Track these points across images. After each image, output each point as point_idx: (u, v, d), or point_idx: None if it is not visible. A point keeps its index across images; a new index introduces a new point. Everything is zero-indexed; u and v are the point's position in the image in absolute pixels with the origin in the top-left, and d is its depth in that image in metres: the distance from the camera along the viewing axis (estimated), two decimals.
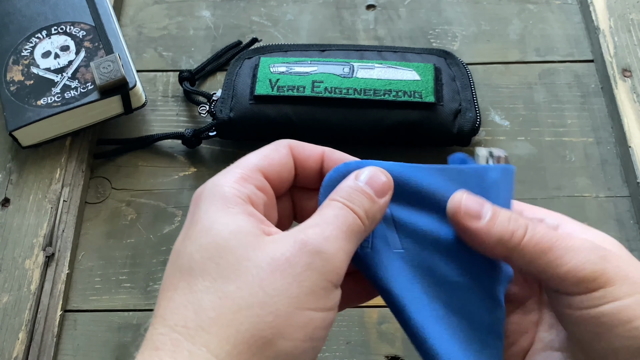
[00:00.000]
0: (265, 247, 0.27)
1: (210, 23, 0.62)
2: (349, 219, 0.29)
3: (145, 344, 0.26)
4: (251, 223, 0.28)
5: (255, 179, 0.30)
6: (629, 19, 0.58)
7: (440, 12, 0.61)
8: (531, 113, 0.55)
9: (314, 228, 0.28)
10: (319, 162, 0.33)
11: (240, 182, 0.30)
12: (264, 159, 0.31)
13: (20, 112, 0.51)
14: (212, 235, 0.27)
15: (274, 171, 0.31)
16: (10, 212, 0.51)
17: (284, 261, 0.27)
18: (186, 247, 0.28)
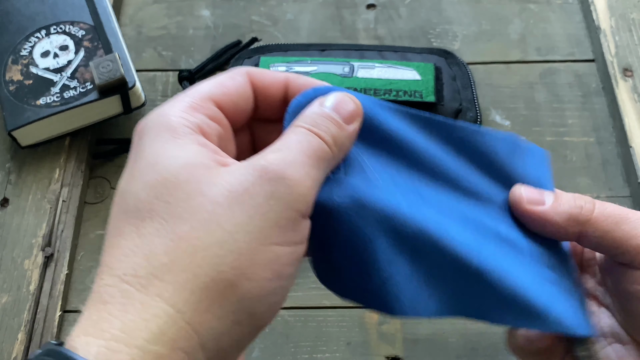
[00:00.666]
0: (221, 178, 0.24)
1: (210, 22, 0.61)
2: (315, 143, 0.25)
3: (91, 298, 0.23)
4: (203, 154, 0.25)
5: (207, 108, 0.27)
6: (630, 18, 0.58)
7: (441, 11, 0.61)
8: (532, 113, 0.55)
9: (275, 153, 0.25)
10: (282, 91, 0.29)
11: (189, 111, 0.26)
12: (218, 87, 0.28)
13: (19, 112, 0.51)
14: (158, 171, 0.24)
15: (229, 101, 0.28)
16: (9, 212, 0.50)
17: (243, 192, 0.23)
18: (130, 186, 0.25)
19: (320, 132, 0.26)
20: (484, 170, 0.31)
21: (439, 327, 0.46)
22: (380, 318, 0.47)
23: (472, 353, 0.45)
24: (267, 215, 0.24)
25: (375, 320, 0.47)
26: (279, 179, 0.24)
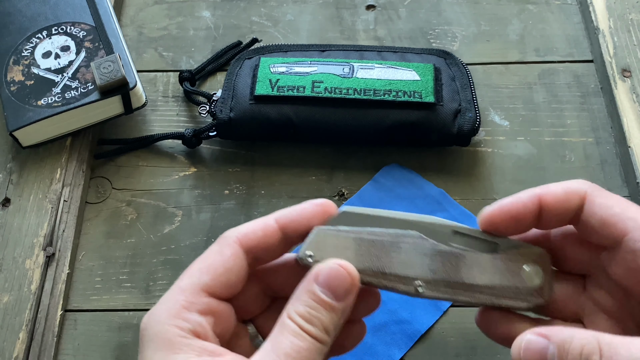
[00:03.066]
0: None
1: (210, 23, 0.62)
2: (305, 352, 0.28)
3: None
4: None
5: (199, 304, 0.30)
6: (628, 19, 0.58)
7: (440, 12, 0.61)
8: (531, 113, 0.55)
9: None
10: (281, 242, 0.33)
11: (183, 315, 0.29)
12: (206, 273, 0.31)
13: (21, 112, 0.51)
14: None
15: (220, 283, 0.31)
16: (11, 212, 0.51)
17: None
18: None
19: (312, 330, 0.29)
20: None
21: (438, 326, 0.46)
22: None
23: (472, 352, 0.45)
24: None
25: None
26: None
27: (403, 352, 0.45)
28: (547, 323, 0.35)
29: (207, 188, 0.53)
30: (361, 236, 0.32)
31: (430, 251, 0.33)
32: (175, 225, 0.51)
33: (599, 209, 0.31)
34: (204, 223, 0.51)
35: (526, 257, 0.33)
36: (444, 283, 0.33)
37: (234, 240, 0.32)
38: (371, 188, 0.51)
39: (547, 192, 0.32)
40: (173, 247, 0.50)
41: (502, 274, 0.33)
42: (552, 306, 0.35)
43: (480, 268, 0.33)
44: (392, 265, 0.32)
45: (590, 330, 0.29)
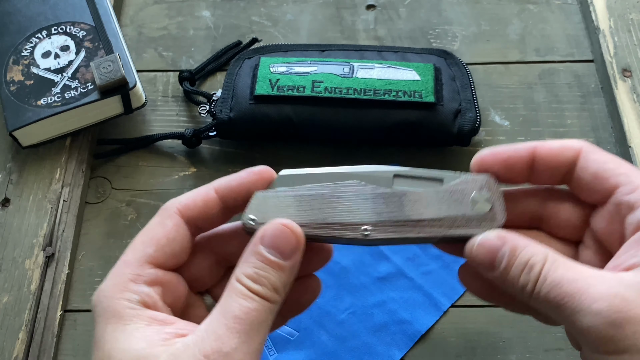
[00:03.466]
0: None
1: (210, 23, 0.62)
2: (254, 313, 0.29)
3: None
4: (150, 340, 0.28)
5: (145, 275, 0.30)
6: (629, 19, 0.58)
7: (440, 12, 0.61)
8: (531, 113, 0.55)
9: (215, 341, 0.28)
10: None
11: (130, 287, 0.30)
12: (150, 245, 0.31)
13: (20, 112, 0.51)
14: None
15: (164, 253, 0.31)
16: (10, 212, 0.51)
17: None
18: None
19: (260, 290, 0.29)
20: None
21: (438, 327, 0.46)
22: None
23: (471, 352, 0.45)
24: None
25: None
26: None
27: (403, 353, 0.45)
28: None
29: None
30: (301, 193, 0.33)
31: (372, 195, 0.33)
32: None
33: (592, 164, 0.32)
34: None
35: (472, 185, 0.33)
36: (391, 223, 0.32)
37: (175, 211, 0.32)
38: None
39: (543, 144, 0.33)
40: None
41: (449, 205, 0.32)
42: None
43: (425, 203, 0.33)
44: (335, 215, 0.32)
45: (544, 246, 0.30)
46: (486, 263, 0.30)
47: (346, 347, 0.45)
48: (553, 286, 0.28)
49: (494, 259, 0.30)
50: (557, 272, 0.28)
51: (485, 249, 0.31)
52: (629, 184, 0.30)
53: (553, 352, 0.45)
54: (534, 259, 0.29)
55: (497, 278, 0.30)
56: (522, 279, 0.29)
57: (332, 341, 0.45)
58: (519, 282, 0.29)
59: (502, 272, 0.30)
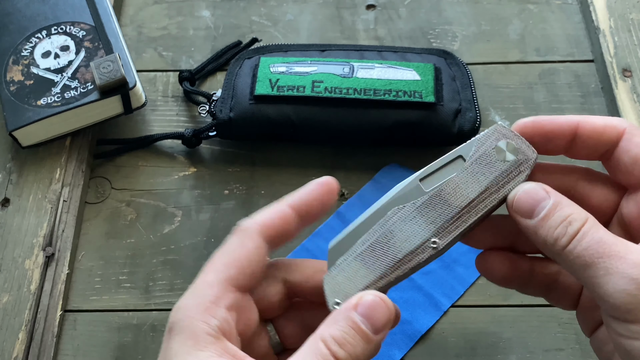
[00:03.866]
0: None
1: (210, 23, 0.62)
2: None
3: None
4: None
5: (226, 299, 0.30)
6: (629, 18, 0.58)
7: (441, 12, 0.61)
8: (531, 113, 0.55)
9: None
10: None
11: (211, 311, 0.29)
12: (232, 267, 0.31)
13: (20, 112, 0.51)
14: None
15: (245, 275, 0.31)
16: (10, 212, 0.51)
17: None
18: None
19: (342, 356, 0.28)
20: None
21: (438, 327, 0.46)
22: None
23: (471, 352, 0.45)
24: None
25: None
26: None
27: (403, 353, 0.45)
28: (541, 261, 0.35)
29: (207, 188, 0.53)
30: (358, 252, 0.32)
31: (416, 211, 0.32)
32: (175, 225, 0.51)
33: (634, 147, 0.31)
34: (203, 223, 0.51)
35: (490, 143, 0.33)
36: (449, 222, 0.32)
37: (255, 232, 0.32)
38: (371, 188, 0.51)
39: (586, 120, 0.32)
40: (173, 247, 0.50)
41: (484, 172, 0.32)
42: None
43: (463, 185, 0.32)
44: (400, 249, 0.32)
45: (585, 212, 0.30)
46: (526, 209, 0.30)
47: None
48: (591, 244, 0.28)
49: (535, 207, 0.30)
50: (597, 233, 0.28)
51: (530, 196, 0.30)
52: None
53: (553, 352, 0.45)
54: (575, 216, 0.29)
55: (532, 227, 0.30)
56: (558, 230, 0.29)
57: None
58: (554, 232, 0.29)
59: (540, 220, 0.30)
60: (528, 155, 0.32)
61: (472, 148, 0.33)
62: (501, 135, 0.33)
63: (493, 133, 0.33)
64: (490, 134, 0.33)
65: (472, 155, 0.33)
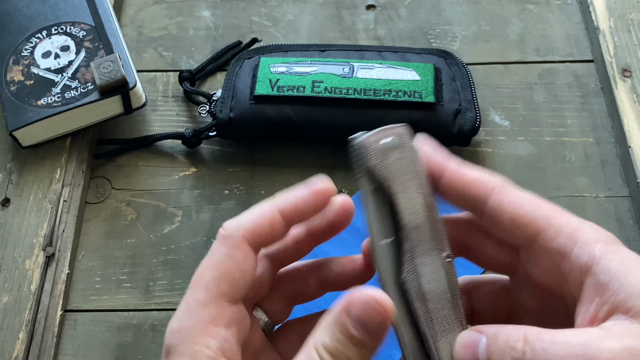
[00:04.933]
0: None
1: (210, 23, 0.62)
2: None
3: None
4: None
5: (223, 317, 0.29)
6: (628, 19, 0.58)
7: (440, 12, 0.61)
8: (531, 113, 0.55)
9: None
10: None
11: (209, 332, 0.28)
12: (224, 282, 0.29)
13: (21, 112, 0.51)
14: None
15: (238, 288, 0.29)
16: (11, 212, 0.51)
17: None
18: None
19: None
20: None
21: None
22: None
23: None
24: None
25: None
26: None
27: None
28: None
29: (207, 188, 0.53)
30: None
31: (408, 258, 0.31)
32: (175, 225, 0.51)
33: (508, 207, 0.29)
34: (203, 223, 0.51)
35: (377, 158, 0.33)
36: (432, 232, 0.31)
37: (242, 241, 0.30)
38: None
39: (458, 169, 0.31)
40: (173, 247, 0.50)
41: (404, 178, 0.31)
42: (481, 309, 0.34)
43: (407, 202, 0.31)
44: (441, 292, 0.31)
45: (521, 326, 0.28)
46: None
47: None
48: (543, 355, 0.26)
49: (475, 355, 0.28)
50: (543, 342, 0.26)
51: (465, 344, 0.29)
52: (550, 228, 0.29)
53: None
54: (513, 337, 0.27)
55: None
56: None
57: None
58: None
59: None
60: (401, 136, 0.32)
61: (366, 181, 0.32)
62: (372, 150, 0.32)
63: (366, 153, 0.32)
64: (364, 157, 0.32)
65: (382, 177, 0.32)
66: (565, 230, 0.28)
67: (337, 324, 0.27)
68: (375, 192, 0.31)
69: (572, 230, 0.28)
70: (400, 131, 0.32)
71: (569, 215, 0.29)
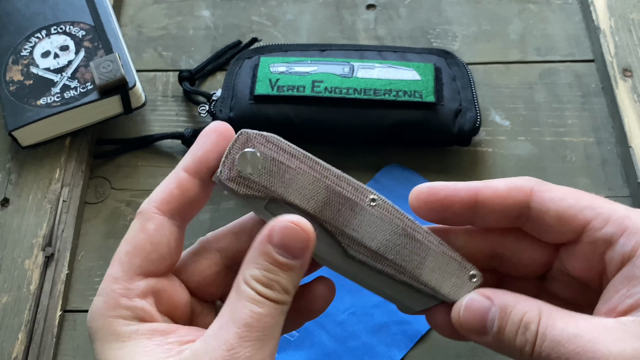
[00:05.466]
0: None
1: (210, 23, 0.61)
2: (266, 318, 0.27)
3: None
4: (153, 352, 0.27)
5: (136, 289, 0.29)
6: (629, 18, 0.58)
7: (441, 11, 0.61)
8: (532, 113, 0.55)
9: (227, 351, 0.26)
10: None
11: (122, 304, 0.28)
12: (135, 255, 0.29)
13: (20, 112, 0.51)
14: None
15: (151, 261, 0.29)
16: (10, 212, 0.51)
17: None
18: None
19: (270, 295, 0.27)
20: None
21: None
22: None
23: (472, 353, 0.45)
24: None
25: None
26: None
27: (403, 353, 0.45)
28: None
29: None
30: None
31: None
32: None
33: (551, 204, 0.29)
34: (203, 223, 0.51)
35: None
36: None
37: (154, 212, 0.30)
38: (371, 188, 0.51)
39: (487, 185, 0.30)
40: None
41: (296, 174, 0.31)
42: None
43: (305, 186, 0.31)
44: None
45: (535, 300, 0.28)
46: (477, 328, 0.28)
47: (346, 347, 0.45)
48: (554, 345, 0.26)
49: (484, 322, 0.28)
50: (555, 329, 0.26)
51: (473, 312, 0.28)
52: (598, 217, 0.28)
53: None
54: (528, 316, 0.27)
55: (491, 343, 0.28)
56: (518, 340, 0.27)
57: (332, 342, 0.45)
58: (515, 344, 0.27)
59: (495, 334, 0.28)
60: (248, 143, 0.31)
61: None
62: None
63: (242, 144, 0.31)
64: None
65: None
66: (614, 218, 0.28)
67: (262, 254, 0.28)
68: (271, 207, 0.31)
69: (621, 218, 0.28)
70: (243, 140, 0.31)
71: (613, 202, 0.29)
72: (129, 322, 0.28)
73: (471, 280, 0.30)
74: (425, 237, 0.31)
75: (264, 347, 0.27)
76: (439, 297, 0.31)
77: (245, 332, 0.26)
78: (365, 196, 0.31)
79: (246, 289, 0.28)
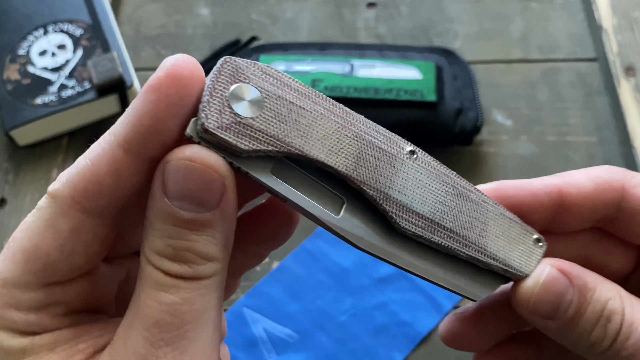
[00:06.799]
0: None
1: (208, 21, 0.61)
2: (185, 307, 0.19)
3: None
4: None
5: (29, 301, 0.21)
6: (632, 17, 0.58)
7: (442, 10, 0.61)
8: (534, 112, 0.55)
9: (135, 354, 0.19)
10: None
11: (9, 316, 0.20)
12: (35, 260, 0.20)
13: (17, 111, 0.50)
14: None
15: (57, 270, 0.21)
16: (7, 212, 0.50)
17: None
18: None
19: (184, 272, 0.19)
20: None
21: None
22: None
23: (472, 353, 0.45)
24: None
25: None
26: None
27: (404, 355, 0.44)
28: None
29: None
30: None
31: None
32: None
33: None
34: None
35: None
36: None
37: (71, 205, 0.20)
38: None
39: (570, 184, 0.25)
40: None
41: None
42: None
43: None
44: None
45: (612, 283, 0.23)
46: (548, 311, 0.23)
47: (346, 349, 0.44)
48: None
49: (557, 305, 0.23)
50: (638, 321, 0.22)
51: (550, 292, 0.23)
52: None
53: None
54: (612, 305, 0.22)
55: (554, 329, 0.23)
56: (596, 332, 0.22)
57: (333, 343, 0.45)
58: (590, 336, 0.22)
59: (568, 320, 0.22)
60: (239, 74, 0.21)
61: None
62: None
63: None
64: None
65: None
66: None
67: (160, 216, 0.19)
68: (279, 170, 0.21)
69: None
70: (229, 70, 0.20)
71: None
72: (17, 336, 0.20)
73: (537, 245, 0.24)
74: (479, 196, 0.24)
75: (191, 345, 0.19)
76: (508, 273, 0.24)
77: (157, 335, 0.19)
78: (401, 147, 0.23)
79: (149, 270, 0.19)
